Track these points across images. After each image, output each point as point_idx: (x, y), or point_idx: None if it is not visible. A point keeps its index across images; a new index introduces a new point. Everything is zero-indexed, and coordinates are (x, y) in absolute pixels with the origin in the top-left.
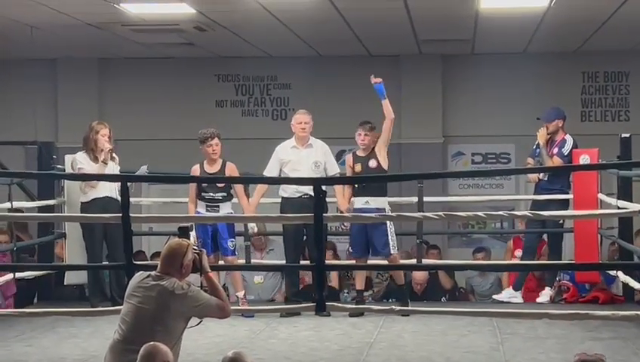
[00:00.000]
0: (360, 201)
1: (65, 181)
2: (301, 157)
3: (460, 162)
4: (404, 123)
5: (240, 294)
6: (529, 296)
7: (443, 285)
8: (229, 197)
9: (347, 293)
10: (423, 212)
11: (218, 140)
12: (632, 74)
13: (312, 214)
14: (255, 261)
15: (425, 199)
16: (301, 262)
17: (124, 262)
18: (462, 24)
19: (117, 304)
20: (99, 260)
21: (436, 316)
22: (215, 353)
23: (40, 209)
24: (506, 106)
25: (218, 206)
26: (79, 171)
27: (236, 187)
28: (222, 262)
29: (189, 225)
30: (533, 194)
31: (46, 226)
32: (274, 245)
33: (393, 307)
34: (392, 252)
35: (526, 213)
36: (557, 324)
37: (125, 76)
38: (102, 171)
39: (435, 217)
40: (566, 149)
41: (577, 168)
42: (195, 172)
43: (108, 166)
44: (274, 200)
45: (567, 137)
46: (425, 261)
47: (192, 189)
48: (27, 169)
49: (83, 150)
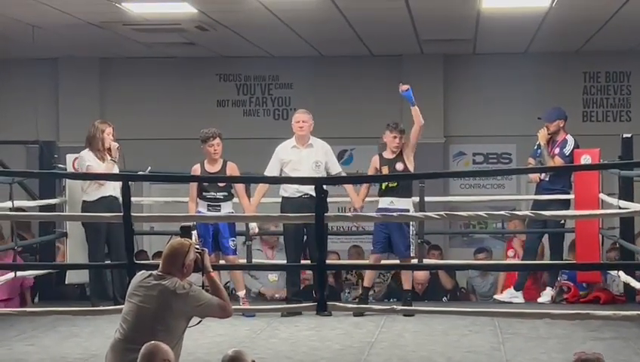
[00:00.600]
0: (385, 201)
1: (66, 180)
2: (302, 157)
3: (462, 162)
4: (405, 123)
5: (241, 293)
6: (529, 295)
7: (444, 285)
8: (230, 196)
9: (348, 293)
10: (425, 212)
11: (219, 140)
12: (634, 74)
13: (313, 214)
14: (260, 260)
15: (426, 199)
16: (302, 262)
17: (125, 261)
18: (463, 24)
19: (118, 303)
20: (101, 260)
21: (437, 316)
22: (216, 352)
23: (41, 208)
24: (508, 106)
25: (220, 205)
26: (88, 170)
27: (237, 187)
28: (223, 262)
29: (192, 225)
30: (534, 194)
31: (47, 225)
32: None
33: (394, 307)
34: (412, 255)
35: (527, 213)
36: (558, 324)
37: (127, 76)
38: (110, 170)
39: (437, 217)
40: (567, 149)
41: (579, 168)
42: (196, 171)
43: (110, 165)
44: (275, 199)
45: (568, 137)
46: (426, 261)
47: (193, 188)
48: (28, 168)
49: (86, 149)
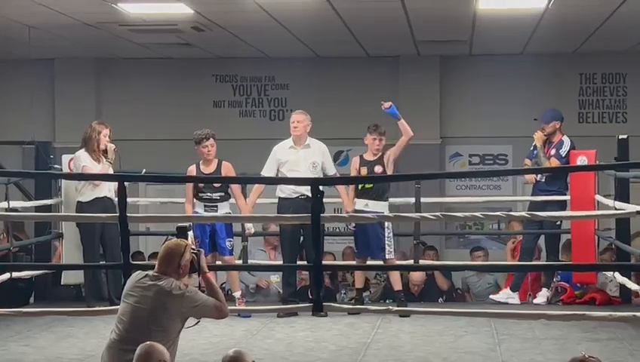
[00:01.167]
0: (360, 203)
1: (62, 181)
2: (299, 157)
3: (458, 163)
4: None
5: (237, 294)
6: (533, 294)
7: (440, 286)
8: (227, 196)
9: (344, 294)
10: (420, 213)
11: (213, 141)
12: (630, 75)
13: (309, 214)
14: (262, 261)
15: (422, 200)
16: (298, 263)
17: (121, 262)
18: (460, 25)
19: (114, 304)
20: (96, 260)
21: (433, 317)
22: (212, 353)
23: (37, 208)
24: (504, 107)
25: (216, 206)
26: (83, 170)
27: (233, 187)
28: (219, 262)
29: (188, 225)
30: (530, 195)
31: (43, 226)
32: None
33: (390, 307)
34: (388, 256)
35: (523, 214)
36: (554, 325)
37: (123, 76)
38: (106, 171)
39: (433, 218)
40: (563, 150)
41: (575, 169)
42: (192, 172)
43: (105, 166)
44: (272, 200)
45: (564, 138)
46: (422, 262)
47: (189, 190)
48: (24, 169)
49: (82, 149)
